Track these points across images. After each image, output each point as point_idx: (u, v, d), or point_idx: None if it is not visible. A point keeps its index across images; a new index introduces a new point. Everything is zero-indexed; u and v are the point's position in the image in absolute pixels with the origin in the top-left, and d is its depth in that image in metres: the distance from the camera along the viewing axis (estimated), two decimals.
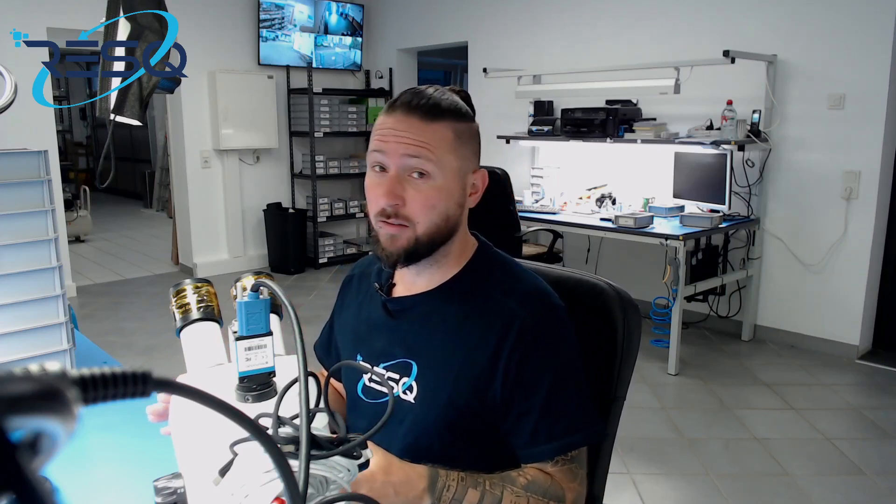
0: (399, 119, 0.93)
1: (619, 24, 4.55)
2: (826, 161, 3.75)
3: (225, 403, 0.38)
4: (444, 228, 0.96)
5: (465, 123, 0.97)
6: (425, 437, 0.95)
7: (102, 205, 9.28)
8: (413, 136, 0.92)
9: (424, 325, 0.99)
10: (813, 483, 2.51)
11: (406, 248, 0.94)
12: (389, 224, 0.94)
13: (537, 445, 0.93)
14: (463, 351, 0.95)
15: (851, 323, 3.75)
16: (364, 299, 1.10)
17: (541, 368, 0.93)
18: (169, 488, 0.82)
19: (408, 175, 0.93)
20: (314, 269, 5.95)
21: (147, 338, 4.15)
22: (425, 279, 1.01)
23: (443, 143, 0.93)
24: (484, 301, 0.97)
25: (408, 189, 0.93)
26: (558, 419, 0.92)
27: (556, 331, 0.95)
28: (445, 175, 0.94)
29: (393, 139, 0.92)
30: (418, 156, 0.92)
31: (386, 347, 1.01)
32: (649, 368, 3.60)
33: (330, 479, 0.68)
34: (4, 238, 1.27)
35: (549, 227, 4.20)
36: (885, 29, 3.48)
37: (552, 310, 0.96)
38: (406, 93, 0.96)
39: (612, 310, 1.03)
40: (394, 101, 0.95)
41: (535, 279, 1.00)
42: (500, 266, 1.02)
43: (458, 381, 0.94)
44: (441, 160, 0.93)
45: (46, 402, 0.25)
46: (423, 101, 0.94)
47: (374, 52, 6.38)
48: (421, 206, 0.93)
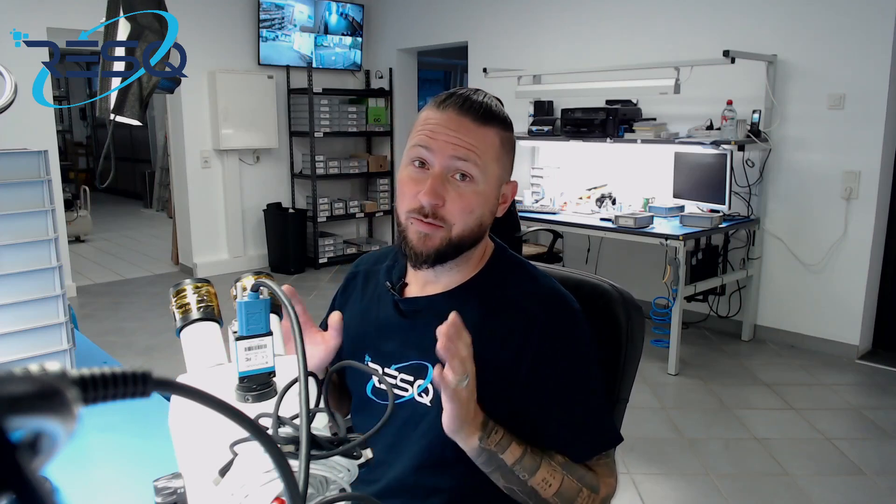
0: (451, 117, 0.91)
1: (620, 24, 4.55)
2: (826, 161, 3.75)
3: (225, 403, 0.38)
4: (476, 234, 0.95)
5: (509, 133, 0.97)
6: (439, 441, 0.93)
7: (102, 205, 9.28)
8: (464, 138, 0.90)
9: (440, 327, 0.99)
10: (813, 483, 2.51)
11: (438, 249, 0.93)
12: (423, 222, 0.92)
13: (580, 445, 0.94)
14: (482, 353, 0.92)
15: (851, 323, 3.75)
16: (372, 298, 1.07)
17: (562, 373, 0.92)
18: (169, 488, 0.82)
19: (450, 176, 0.91)
20: (314, 269, 5.95)
21: (147, 338, 4.15)
22: (444, 280, 0.99)
23: (490, 149, 0.92)
24: (503, 303, 0.95)
25: (449, 190, 0.91)
26: (593, 423, 0.94)
27: (578, 334, 0.95)
28: (487, 181, 0.93)
29: (443, 137, 0.90)
30: (467, 158, 0.90)
31: (398, 349, 0.99)
32: (649, 368, 3.60)
33: (330, 479, 0.68)
34: (4, 238, 1.27)
35: (549, 227, 4.20)
36: (885, 29, 3.48)
37: (572, 313, 0.96)
38: (457, 92, 0.94)
39: (615, 311, 1.02)
40: (445, 98, 0.93)
41: (552, 282, 0.99)
42: (518, 268, 1.01)
43: (477, 384, 0.92)
44: (486, 166, 0.92)
45: (46, 402, 0.25)
46: (476, 103, 0.92)
47: (374, 52, 6.38)
48: (461, 209, 0.91)
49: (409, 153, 0.94)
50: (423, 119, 0.94)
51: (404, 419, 0.96)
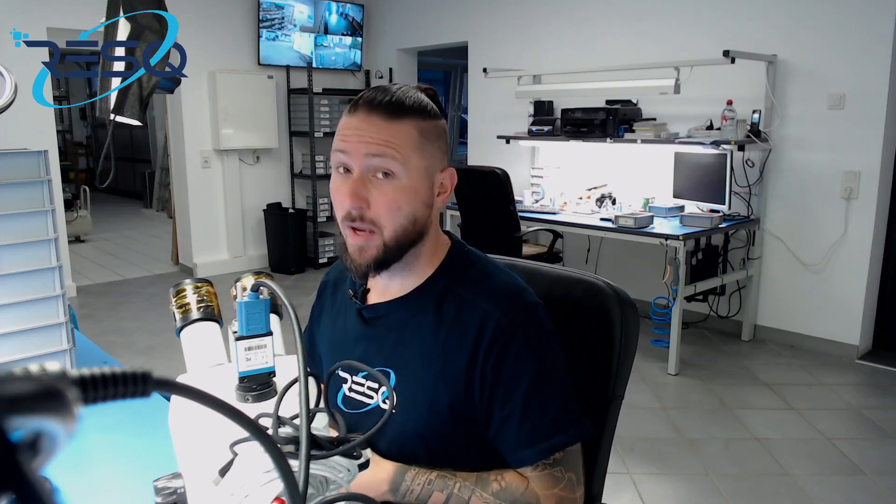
0: (361, 118, 0.90)
1: (619, 24, 4.55)
2: (826, 161, 3.75)
3: (225, 403, 0.38)
4: (411, 231, 0.92)
5: (431, 121, 0.93)
6: (409, 446, 0.94)
7: (102, 205, 9.28)
8: (376, 135, 0.88)
9: (400, 333, 0.96)
10: (813, 483, 2.51)
11: (375, 258, 0.91)
12: (357, 233, 0.91)
13: (522, 449, 0.90)
14: (440, 356, 0.92)
15: (851, 323, 3.75)
16: (340, 307, 1.07)
17: (519, 369, 0.90)
18: (169, 488, 0.82)
19: (372, 176, 0.89)
20: (314, 269, 5.95)
21: (147, 338, 4.15)
22: (398, 284, 0.98)
23: (407, 141, 0.90)
24: (458, 304, 0.94)
25: (372, 190, 0.89)
26: (540, 421, 0.90)
27: (532, 329, 0.92)
28: (411, 175, 0.90)
29: (355, 138, 0.89)
30: (382, 155, 0.88)
31: (363, 357, 0.98)
32: (649, 368, 3.60)
33: (330, 479, 0.68)
34: (4, 238, 1.27)
35: (549, 227, 4.20)
36: (885, 29, 3.47)
37: (527, 307, 0.93)
38: (369, 91, 0.92)
39: (609, 309, 1.02)
40: (356, 100, 0.92)
41: (508, 276, 0.97)
42: (473, 265, 0.98)
43: (437, 388, 0.92)
44: (406, 159, 0.89)
45: (46, 402, 0.25)
46: (385, 98, 0.90)
47: (374, 52, 6.38)
48: (386, 208, 0.89)
49: (332, 160, 0.93)
50: (340, 125, 0.93)
51: (369, 427, 0.96)
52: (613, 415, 1.04)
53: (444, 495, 0.89)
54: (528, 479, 0.91)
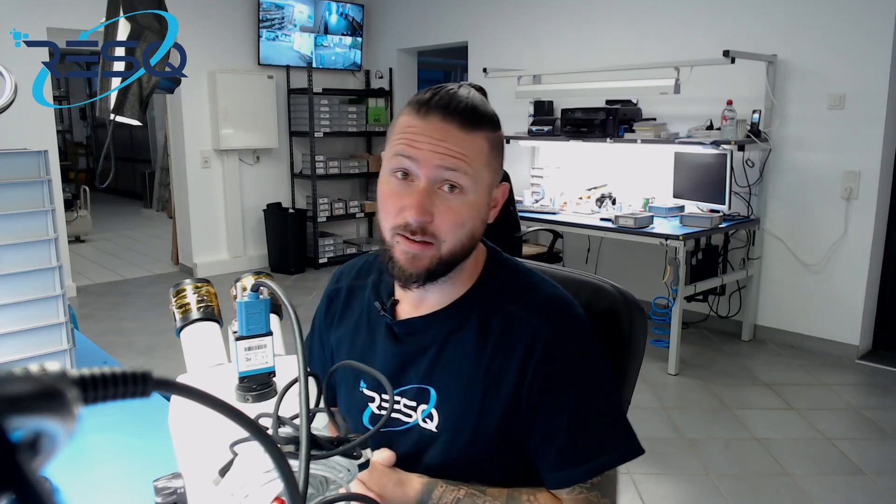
0: (435, 124, 0.82)
1: (619, 24, 4.56)
2: (826, 161, 3.75)
3: (225, 403, 0.38)
4: (468, 247, 0.87)
5: (498, 133, 0.88)
6: (450, 467, 0.88)
7: (102, 205, 9.28)
8: (452, 147, 0.82)
9: (440, 348, 0.90)
10: (813, 483, 2.51)
11: (428, 269, 0.85)
12: (412, 241, 0.84)
13: (562, 470, 0.86)
14: (487, 374, 0.87)
15: (851, 323, 3.75)
16: (360, 318, 0.99)
17: (567, 386, 0.86)
18: (169, 488, 0.82)
19: (438, 188, 0.83)
20: (314, 269, 5.95)
21: (147, 338, 4.15)
22: (436, 296, 0.91)
23: (480, 155, 0.84)
24: (503, 317, 0.88)
25: (437, 204, 0.83)
26: (584, 441, 0.85)
27: (582, 344, 0.88)
28: (478, 190, 0.85)
29: (427, 146, 0.82)
30: (456, 168, 0.82)
31: (395, 373, 0.92)
32: (649, 368, 3.60)
33: (330, 479, 0.68)
34: (4, 238, 1.27)
35: (549, 227, 4.20)
36: (885, 29, 3.48)
37: (577, 321, 0.89)
38: (438, 94, 0.85)
39: (618, 312, 1.00)
40: (425, 102, 0.84)
41: (552, 287, 0.93)
42: (515, 275, 0.94)
43: (484, 406, 0.87)
44: (476, 174, 0.84)
45: (46, 402, 0.25)
46: (461, 104, 0.83)
47: (374, 52, 6.38)
48: (451, 224, 0.83)
49: (389, 163, 0.85)
50: (402, 125, 0.85)
51: (409, 447, 0.91)
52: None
53: None
54: (563, 502, 0.87)
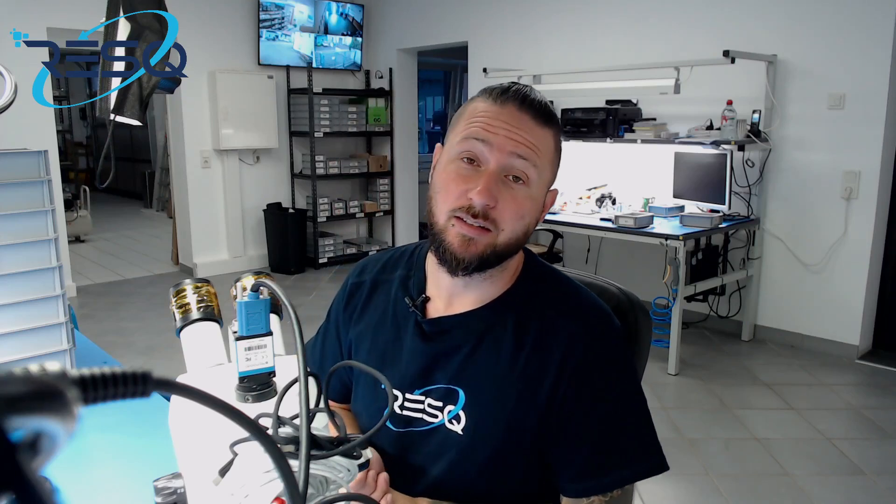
0: (512, 112, 0.83)
1: (619, 24, 4.55)
2: (826, 161, 3.75)
3: (225, 403, 0.38)
4: (521, 242, 0.87)
5: (561, 137, 0.90)
6: (471, 471, 0.86)
7: (102, 205, 9.28)
8: (526, 136, 0.83)
9: (472, 349, 0.88)
10: (813, 483, 2.51)
11: (482, 255, 0.83)
12: (470, 225, 0.82)
13: (585, 479, 0.84)
14: (521, 377, 0.85)
15: (851, 323, 3.75)
16: (385, 313, 0.97)
17: (600, 395, 0.84)
18: (169, 488, 0.82)
19: (504, 176, 0.83)
20: (314, 269, 5.95)
21: (147, 338, 4.15)
22: (474, 295, 0.90)
23: (548, 151, 0.85)
24: (540, 321, 0.87)
25: (503, 191, 0.82)
26: (610, 452, 0.84)
27: (618, 354, 0.87)
28: (541, 185, 0.86)
29: (503, 132, 0.82)
30: (527, 158, 0.82)
31: (422, 371, 0.90)
32: (649, 368, 3.56)
33: (330, 479, 0.68)
34: (4, 238, 1.27)
35: (549, 227, 4.20)
36: (885, 29, 3.47)
37: (614, 331, 0.88)
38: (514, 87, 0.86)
39: (623, 314, 0.99)
40: (502, 91, 0.85)
41: (589, 294, 0.91)
42: (554, 280, 0.92)
43: (517, 412, 0.85)
44: (542, 169, 0.85)
45: (46, 402, 0.25)
46: (536, 100, 0.85)
47: (374, 52, 6.38)
48: (512, 213, 0.83)
49: (458, 146, 0.84)
50: (475, 110, 0.85)
51: (432, 447, 0.89)
52: None
53: None
54: None
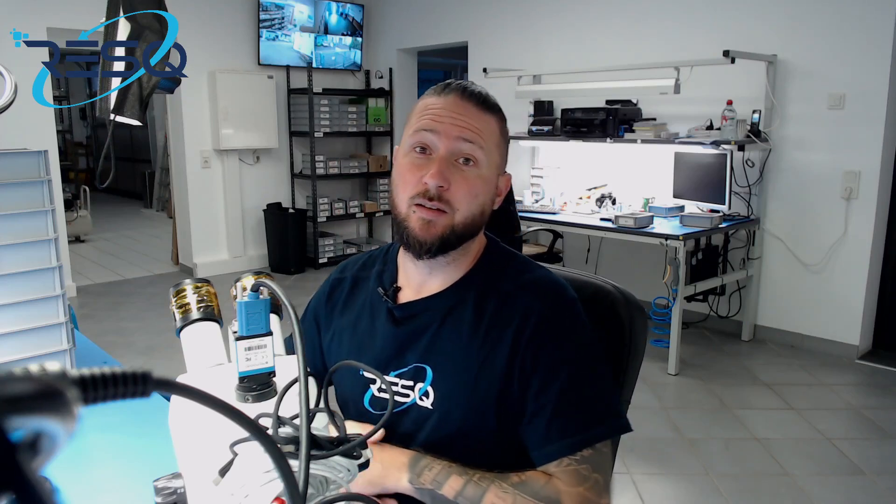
0: (455, 102, 0.91)
1: (619, 24, 4.55)
2: (826, 161, 3.75)
3: (225, 403, 0.38)
4: (478, 221, 0.94)
5: (505, 124, 0.98)
6: (445, 442, 0.92)
7: (102, 205, 9.28)
8: (470, 121, 0.91)
9: (437, 328, 0.95)
10: (813, 483, 2.51)
11: (442, 236, 0.90)
12: (427, 209, 0.90)
13: (550, 443, 0.88)
14: (480, 350, 0.91)
15: (851, 323, 3.75)
16: (363, 306, 1.04)
17: (557, 362, 0.89)
18: (169, 488, 0.82)
19: (455, 160, 0.90)
20: (314, 269, 5.95)
21: (147, 338, 4.15)
22: (439, 279, 0.97)
23: (492, 135, 0.93)
24: (498, 297, 0.93)
25: (454, 173, 0.90)
26: (573, 415, 0.88)
27: (573, 321, 0.92)
28: (490, 167, 0.93)
29: (448, 120, 0.90)
30: (472, 141, 0.90)
31: (395, 355, 0.96)
32: (649, 368, 3.60)
33: (330, 479, 0.68)
34: (4, 238, 1.27)
35: (549, 227, 4.20)
36: (885, 29, 3.48)
37: (569, 301, 0.94)
38: (455, 81, 0.95)
39: (619, 313, 1.01)
40: (444, 86, 0.94)
41: (547, 272, 0.97)
42: (512, 260, 0.99)
43: (479, 382, 0.90)
44: (489, 151, 0.92)
45: (46, 402, 0.25)
46: (477, 90, 0.93)
47: (374, 52, 6.38)
48: (465, 193, 0.90)
49: (410, 139, 0.93)
50: (423, 106, 0.93)
51: (408, 425, 0.95)
52: None
53: (462, 479, 0.87)
54: (553, 475, 0.88)
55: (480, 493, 0.86)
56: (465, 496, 0.87)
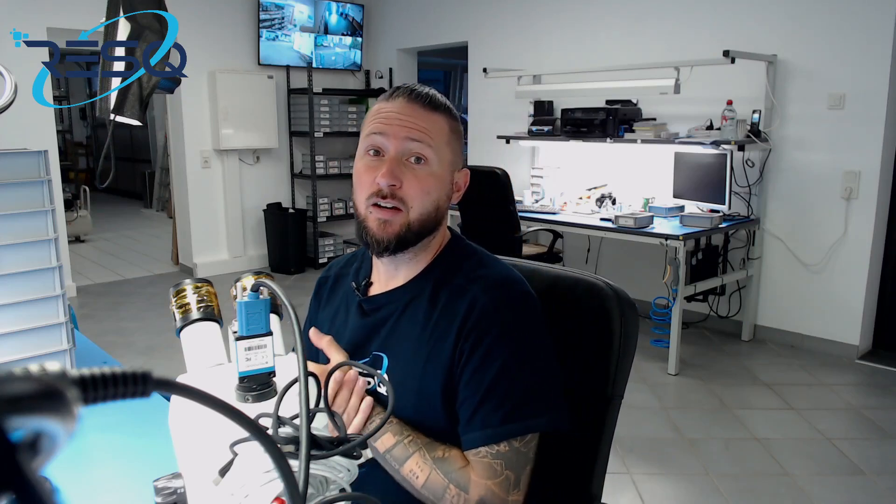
0: (402, 105, 0.96)
1: (619, 24, 4.55)
2: (826, 161, 3.75)
3: (225, 403, 0.38)
4: (434, 217, 0.98)
5: (456, 122, 1.02)
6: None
7: (102, 205, 9.28)
8: (416, 122, 0.95)
9: (397, 319, 1.00)
10: (813, 483, 2.51)
11: (398, 234, 0.95)
12: (382, 208, 0.95)
13: (472, 431, 0.91)
14: (429, 341, 0.95)
15: (851, 323, 3.75)
16: (340, 303, 1.10)
17: (493, 353, 0.91)
18: (169, 488, 0.82)
19: (406, 159, 0.95)
20: (314, 269, 5.95)
21: (147, 338, 4.15)
22: (403, 273, 1.01)
23: (441, 133, 0.97)
24: (451, 291, 0.97)
25: (405, 172, 0.94)
26: (498, 407, 0.90)
27: (517, 316, 0.94)
28: (441, 164, 0.97)
29: (396, 122, 0.95)
30: (420, 140, 0.94)
31: (361, 345, 1.02)
32: (649, 368, 3.60)
33: (330, 479, 0.68)
34: (4, 238, 1.27)
35: (549, 227, 4.20)
36: (885, 29, 3.48)
37: (517, 296, 0.96)
38: (403, 85, 0.99)
39: (609, 309, 1.02)
40: (393, 91, 0.98)
41: (505, 268, 1.00)
42: (471, 256, 1.02)
43: (426, 372, 0.94)
44: (438, 149, 0.96)
45: (46, 402, 0.25)
46: (423, 91, 0.98)
47: (374, 52, 6.38)
48: (418, 191, 0.94)
49: (363, 144, 0.98)
50: (373, 112, 0.98)
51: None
52: (613, 415, 1.04)
53: (394, 439, 0.92)
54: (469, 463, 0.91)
55: (405, 457, 0.91)
56: (392, 455, 0.92)
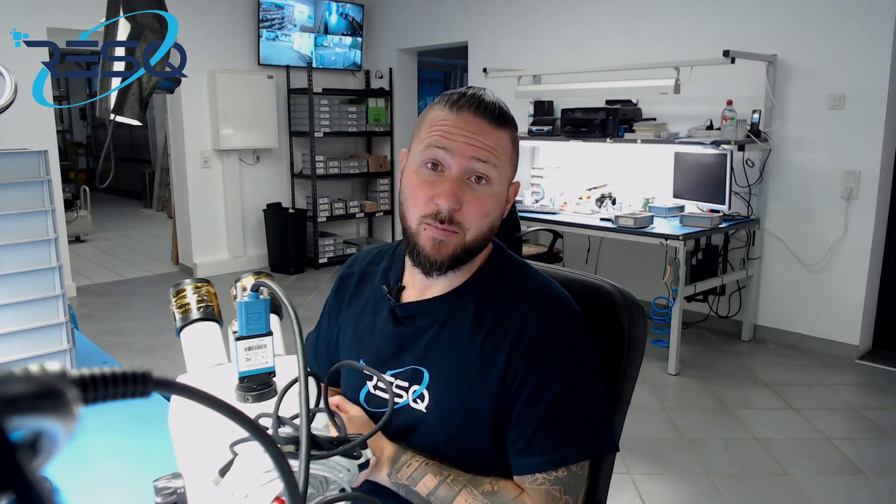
0: (468, 119, 0.89)
1: (619, 24, 4.55)
2: (826, 161, 3.75)
3: (225, 403, 0.38)
4: (488, 237, 0.93)
5: (517, 134, 0.97)
6: (437, 448, 0.92)
7: (102, 205, 9.27)
8: (483, 140, 0.89)
9: (437, 332, 0.95)
10: (813, 483, 2.51)
11: (452, 256, 0.90)
12: (439, 229, 0.89)
13: (529, 456, 0.88)
14: (477, 358, 0.91)
15: (851, 323, 3.75)
16: (367, 301, 1.04)
17: (549, 375, 0.88)
18: (169, 488, 0.82)
19: (467, 178, 0.89)
20: (314, 269, 5.95)
21: (147, 338, 4.15)
22: (442, 283, 0.96)
23: (505, 151, 0.92)
24: (498, 305, 0.93)
25: (466, 193, 0.89)
26: (555, 432, 0.87)
27: (569, 338, 0.91)
28: (502, 183, 0.92)
29: (462, 139, 0.88)
30: (486, 160, 0.89)
31: (393, 354, 0.97)
32: (649, 368, 3.60)
33: (330, 479, 0.68)
34: (4, 238, 1.27)
35: (549, 227, 4.20)
36: (885, 29, 3.47)
37: (569, 315, 0.92)
38: (468, 93, 0.92)
39: (618, 313, 1.00)
40: (457, 99, 0.91)
41: (551, 283, 0.96)
42: (515, 269, 0.98)
43: (473, 390, 0.90)
44: (502, 168, 0.91)
45: (46, 402, 0.25)
46: (491, 104, 0.91)
47: (374, 52, 6.38)
48: (477, 213, 0.90)
49: (422, 154, 0.91)
50: (434, 119, 0.91)
51: (399, 426, 0.95)
52: (619, 419, 1.03)
53: (436, 480, 0.88)
54: (525, 491, 0.88)
55: (452, 495, 0.87)
56: (437, 496, 0.88)
